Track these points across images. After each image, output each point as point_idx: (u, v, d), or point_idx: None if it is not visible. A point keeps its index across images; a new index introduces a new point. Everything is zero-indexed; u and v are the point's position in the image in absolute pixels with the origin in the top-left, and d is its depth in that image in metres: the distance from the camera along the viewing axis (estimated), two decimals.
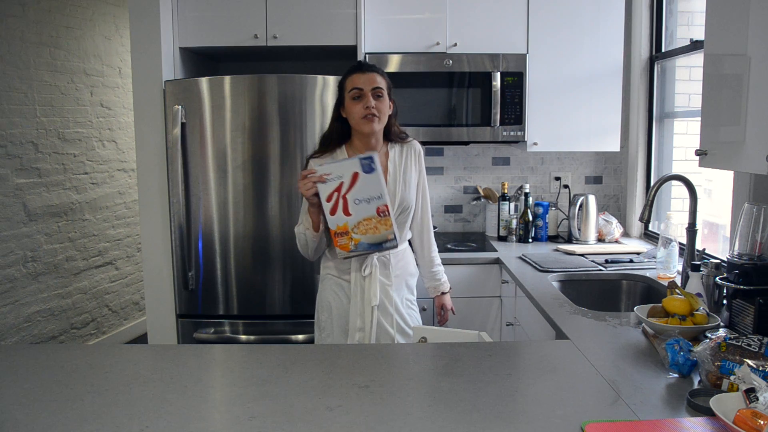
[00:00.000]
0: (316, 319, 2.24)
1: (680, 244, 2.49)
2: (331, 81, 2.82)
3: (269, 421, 1.23)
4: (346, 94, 2.07)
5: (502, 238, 3.41)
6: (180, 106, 2.81)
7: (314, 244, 2.10)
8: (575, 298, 2.32)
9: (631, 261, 2.75)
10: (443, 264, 2.37)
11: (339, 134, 2.13)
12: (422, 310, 2.67)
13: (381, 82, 2.07)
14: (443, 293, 2.37)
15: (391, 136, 2.17)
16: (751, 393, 1.17)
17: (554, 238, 3.38)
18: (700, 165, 1.75)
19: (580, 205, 3.27)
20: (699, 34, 2.65)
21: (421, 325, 2.15)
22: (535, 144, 3.19)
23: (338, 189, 1.98)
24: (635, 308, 1.87)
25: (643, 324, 1.81)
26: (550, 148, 3.26)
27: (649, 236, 3.29)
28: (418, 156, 2.21)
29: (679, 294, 1.79)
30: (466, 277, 2.94)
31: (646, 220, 2.28)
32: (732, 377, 1.30)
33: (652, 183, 3.30)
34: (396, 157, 2.16)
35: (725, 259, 1.92)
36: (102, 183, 4.50)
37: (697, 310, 1.73)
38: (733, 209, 2.15)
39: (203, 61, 3.38)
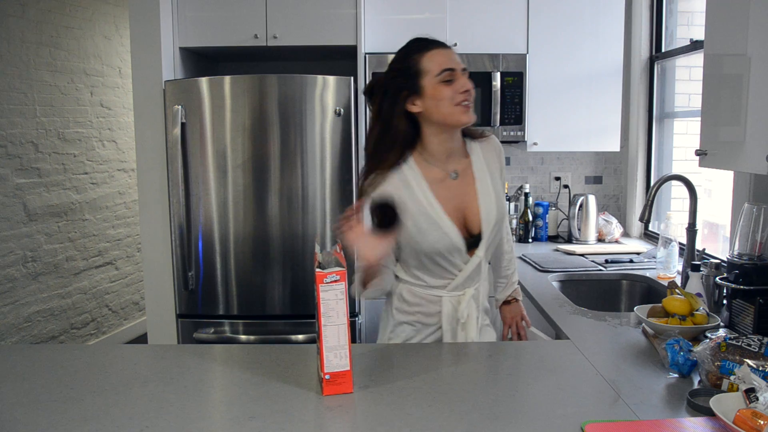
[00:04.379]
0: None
1: (680, 244, 2.49)
2: (331, 81, 2.82)
3: (269, 421, 1.23)
4: (429, 79, 1.55)
5: None
6: (180, 106, 2.81)
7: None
8: (575, 298, 2.32)
9: (631, 261, 2.75)
10: None
11: (409, 139, 1.61)
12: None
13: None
14: (516, 300, 1.93)
15: (467, 131, 1.70)
16: (751, 393, 1.17)
17: (554, 238, 3.38)
18: (700, 165, 1.75)
19: (580, 205, 3.27)
20: (699, 34, 2.65)
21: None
22: (535, 144, 3.19)
23: None
24: (635, 308, 1.87)
25: (643, 324, 1.81)
26: (550, 148, 3.27)
27: (649, 236, 3.29)
28: (499, 154, 1.75)
29: (679, 294, 1.79)
30: None
31: (646, 220, 2.28)
32: (732, 377, 1.29)
33: (652, 183, 3.30)
34: (479, 160, 1.70)
35: (725, 259, 1.91)
36: (102, 183, 4.50)
37: (697, 310, 1.73)
38: (733, 209, 2.15)
39: (203, 61, 3.38)
